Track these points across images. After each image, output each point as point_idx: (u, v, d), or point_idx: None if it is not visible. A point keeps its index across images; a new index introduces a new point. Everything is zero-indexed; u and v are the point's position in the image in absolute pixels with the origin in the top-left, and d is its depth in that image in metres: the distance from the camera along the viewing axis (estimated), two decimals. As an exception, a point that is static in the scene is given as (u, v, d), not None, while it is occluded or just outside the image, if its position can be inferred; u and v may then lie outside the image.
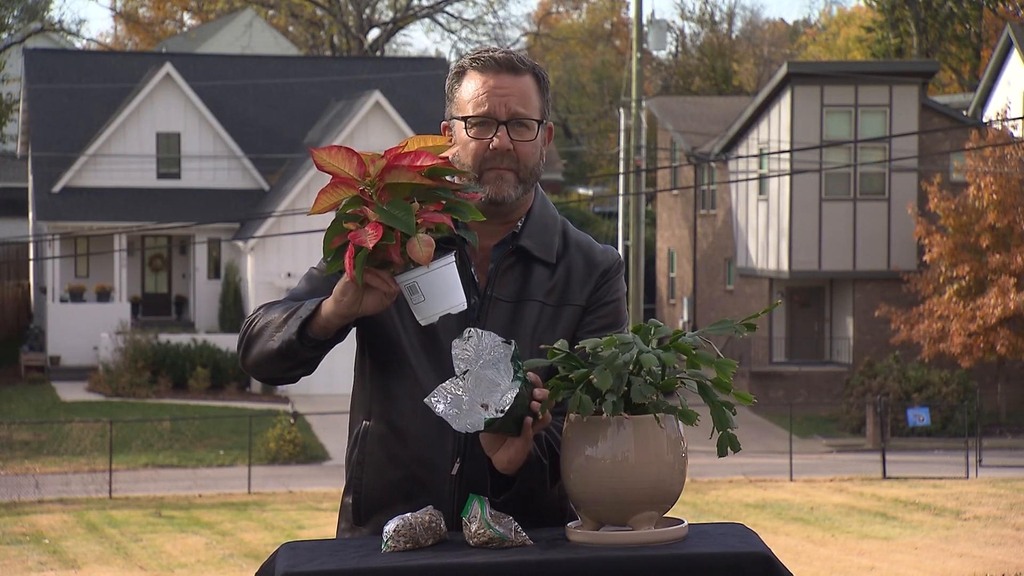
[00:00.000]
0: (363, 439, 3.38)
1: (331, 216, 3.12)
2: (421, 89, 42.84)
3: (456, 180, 3.12)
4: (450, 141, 3.36)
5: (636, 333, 3.06)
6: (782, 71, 38.08)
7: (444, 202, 3.02)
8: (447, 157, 3.05)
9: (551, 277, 3.37)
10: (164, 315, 42.66)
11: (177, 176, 41.76)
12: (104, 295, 40.03)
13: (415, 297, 3.03)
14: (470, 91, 3.30)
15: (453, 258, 3.04)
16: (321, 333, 3.17)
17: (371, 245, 2.93)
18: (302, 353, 3.19)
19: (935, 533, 21.47)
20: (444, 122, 3.40)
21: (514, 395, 3.01)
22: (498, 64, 3.29)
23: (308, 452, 30.58)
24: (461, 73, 3.34)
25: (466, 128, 3.30)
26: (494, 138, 3.27)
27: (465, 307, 3.07)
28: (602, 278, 3.41)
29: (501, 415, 3.00)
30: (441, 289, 3.02)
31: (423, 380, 3.27)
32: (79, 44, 60.07)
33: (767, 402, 36.34)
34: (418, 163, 2.96)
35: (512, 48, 3.39)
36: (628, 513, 2.99)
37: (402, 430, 3.32)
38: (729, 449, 2.99)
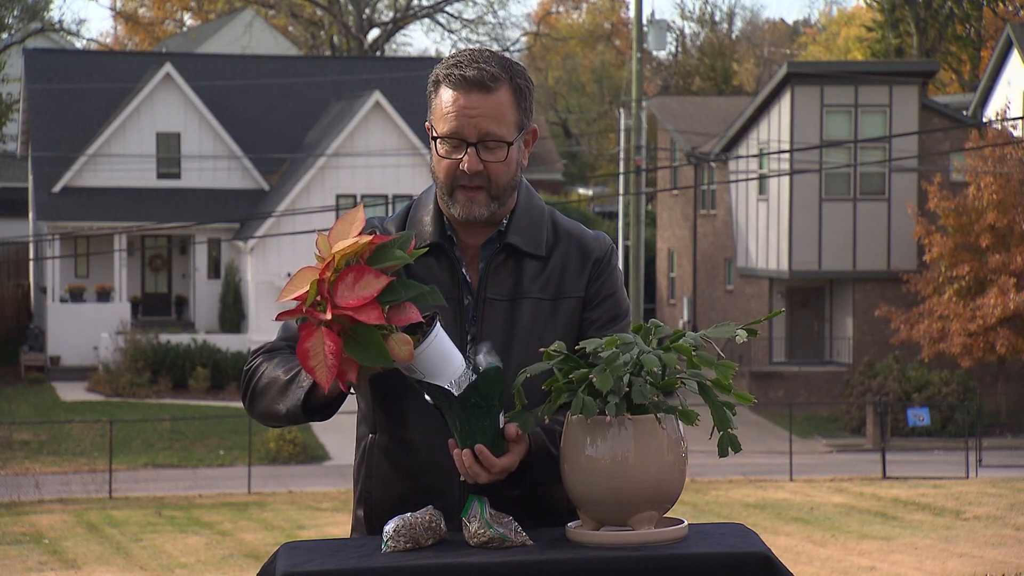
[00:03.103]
0: (370, 452, 3.39)
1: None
2: (421, 89, 42.47)
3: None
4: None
5: (636, 333, 3.06)
6: (782, 71, 38.08)
7: (404, 297, 3.03)
8: (370, 242, 3.01)
9: (544, 270, 3.35)
10: (164, 315, 42.67)
11: (177, 176, 41.76)
12: (104, 295, 40.04)
13: (415, 375, 3.07)
14: (442, 108, 3.26)
15: (437, 329, 3.05)
16: (324, 398, 3.21)
17: (356, 379, 3.00)
18: (307, 420, 3.26)
19: (935, 533, 21.46)
20: (427, 123, 3.39)
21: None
22: (468, 83, 3.24)
23: (308, 452, 30.58)
24: (437, 83, 3.30)
25: (436, 145, 3.28)
26: (464, 159, 3.25)
27: (465, 368, 3.10)
28: (596, 267, 3.39)
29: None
30: (437, 362, 3.06)
31: None
32: (79, 44, 60.08)
33: (767, 402, 36.34)
34: (361, 294, 2.95)
35: (511, 48, 3.37)
36: (628, 513, 2.99)
37: (408, 440, 3.32)
38: (730, 449, 2.99)
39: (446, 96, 3.26)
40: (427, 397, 3.09)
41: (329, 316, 2.94)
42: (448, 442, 3.13)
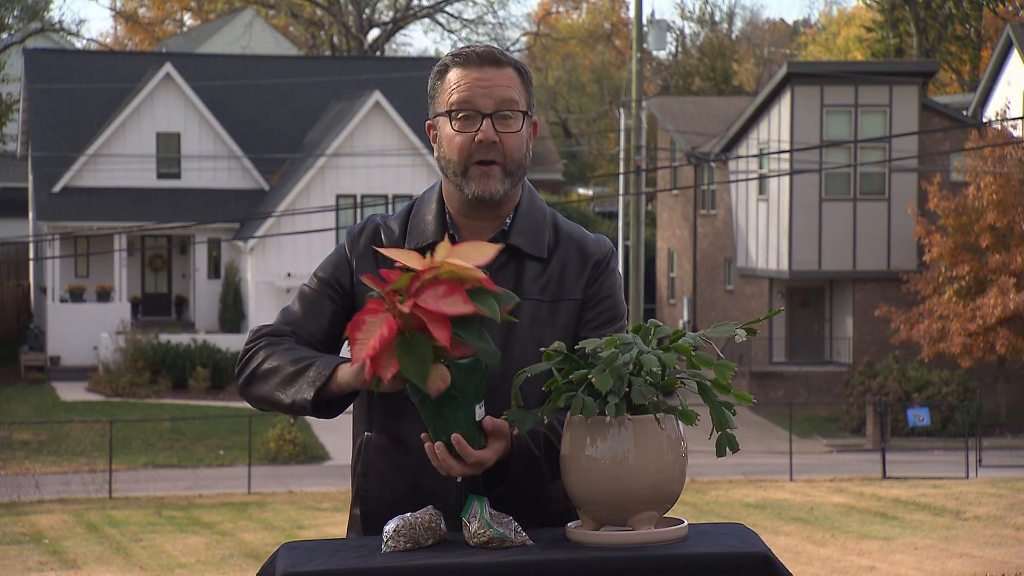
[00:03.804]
0: (365, 450, 3.39)
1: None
2: (421, 89, 42.80)
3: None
4: (435, 140, 3.36)
5: (636, 333, 3.06)
6: (782, 71, 38.08)
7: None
8: (480, 279, 3.00)
9: (544, 272, 3.36)
10: (164, 315, 42.67)
11: (177, 176, 41.76)
12: (104, 295, 40.03)
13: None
14: (454, 86, 3.28)
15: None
16: (334, 395, 3.22)
17: (387, 379, 2.98)
18: (313, 414, 3.26)
19: (935, 533, 21.47)
20: (428, 121, 3.39)
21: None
22: (480, 58, 3.28)
23: (308, 452, 30.58)
24: (444, 71, 3.31)
25: (451, 122, 3.28)
26: (479, 131, 3.26)
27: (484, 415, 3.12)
28: (596, 269, 3.39)
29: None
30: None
31: None
32: (79, 44, 60.08)
33: (767, 402, 36.33)
34: (443, 308, 2.95)
35: (511, 48, 3.39)
36: (628, 513, 2.99)
37: (404, 440, 3.32)
38: (728, 449, 2.99)
39: (457, 75, 3.29)
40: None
41: (407, 309, 2.94)
42: (421, 435, 3.12)
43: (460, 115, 3.27)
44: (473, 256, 3.02)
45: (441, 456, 3.06)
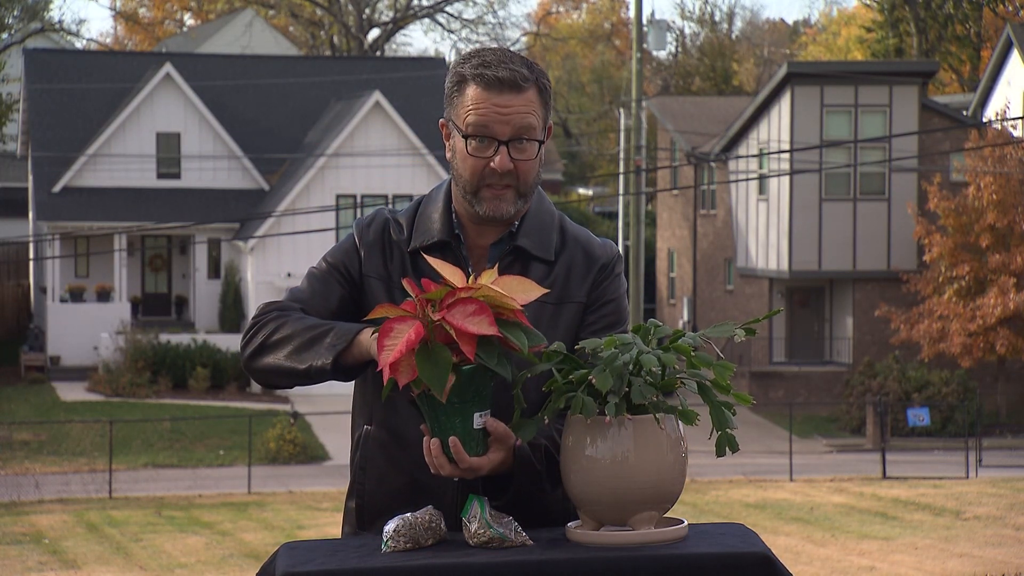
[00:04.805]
0: (364, 444, 3.38)
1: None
2: (421, 89, 42.85)
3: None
4: (447, 139, 3.35)
5: (636, 333, 3.06)
6: (782, 71, 38.08)
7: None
8: (515, 310, 3.04)
9: (550, 274, 3.35)
10: (164, 315, 42.66)
11: (177, 176, 41.75)
12: (104, 295, 40.03)
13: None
14: (472, 106, 3.23)
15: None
16: (353, 362, 3.20)
17: (400, 385, 3.00)
18: (329, 379, 3.24)
19: (935, 533, 21.47)
20: (442, 120, 3.38)
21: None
22: (501, 83, 3.22)
23: (308, 452, 30.58)
24: (462, 82, 3.26)
25: (466, 143, 3.26)
26: (495, 157, 3.23)
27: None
28: (601, 273, 3.39)
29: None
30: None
31: None
32: (79, 44, 60.08)
33: (767, 402, 36.33)
34: (468, 326, 2.98)
35: (512, 48, 3.37)
36: (628, 513, 2.99)
37: (403, 435, 3.31)
38: (728, 449, 2.99)
39: (476, 94, 3.24)
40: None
41: (437, 317, 2.98)
42: (421, 427, 3.12)
43: (476, 140, 3.24)
44: (517, 290, 3.05)
45: (435, 453, 3.06)
